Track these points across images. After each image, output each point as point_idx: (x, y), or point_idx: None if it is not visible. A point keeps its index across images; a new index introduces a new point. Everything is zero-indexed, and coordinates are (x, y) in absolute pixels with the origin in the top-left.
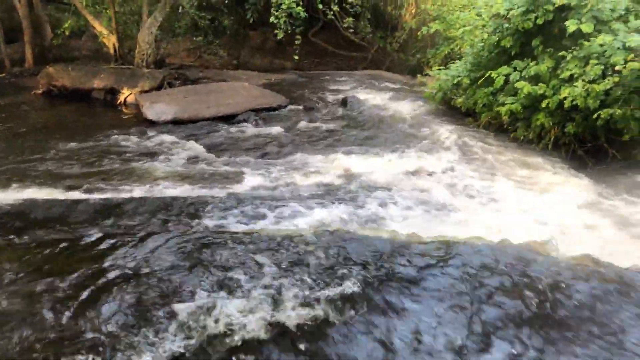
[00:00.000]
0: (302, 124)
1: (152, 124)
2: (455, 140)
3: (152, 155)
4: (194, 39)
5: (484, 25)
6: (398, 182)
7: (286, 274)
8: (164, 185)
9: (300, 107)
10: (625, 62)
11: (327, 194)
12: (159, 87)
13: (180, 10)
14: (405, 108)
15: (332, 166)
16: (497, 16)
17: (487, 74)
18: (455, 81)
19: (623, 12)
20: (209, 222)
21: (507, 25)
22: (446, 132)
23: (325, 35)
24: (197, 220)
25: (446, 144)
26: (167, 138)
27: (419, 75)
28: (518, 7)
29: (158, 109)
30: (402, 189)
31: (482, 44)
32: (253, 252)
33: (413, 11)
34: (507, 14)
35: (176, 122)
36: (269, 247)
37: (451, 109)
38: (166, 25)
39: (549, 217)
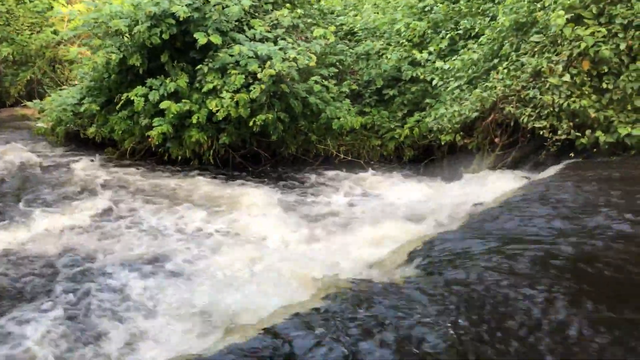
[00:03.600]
0: None
1: None
2: (109, 178)
3: None
4: None
5: (100, 45)
6: (72, 246)
7: None
8: None
9: None
10: (262, 69)
11: None
12: None
13: None
14: (22, 152)
15: None
16: (117, 34)
17: (123, 97)
18: (82, 109)
19: (236, 23)
20: None
21: (130, 42)
22: (93, 170)
23: None
24: None
25: (102, 185)
26: None
27: (17, 109)
28: (142, 23)
29: None
30: (82, 255)
31: (103, 66)
32: None
33: None
34: (131, 30)
35: None
36: None
37: (82, 142)
38: None
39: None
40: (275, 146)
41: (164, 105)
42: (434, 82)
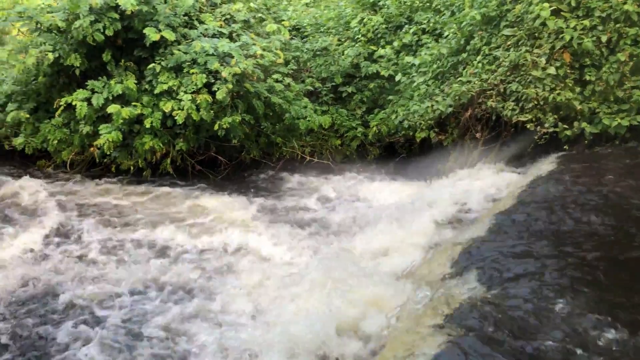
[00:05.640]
0: None
1: None
2: (51, 196)
3: None
4: None
5: (28, 44)
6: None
7: None
8: None
9: None
10: (224, 67)
11: None
12: None
13: None
14: None
15: None
16: (50, 30)
17: (62, 102)
18: (8, 118)
19: (185, 18)
20: None
21: (67, 39)
22: (30, 188)
23: None
24: None
25: (45, 205)
26: None
27: None
28: (84, 17)
29: None
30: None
31: (33, 67)
32: None
33: None
34: (69, 26)
35: None
36: None
37: (5, 155)
38: None
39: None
40: (233, 150)
41: (111, 109)
42: (397, 78)
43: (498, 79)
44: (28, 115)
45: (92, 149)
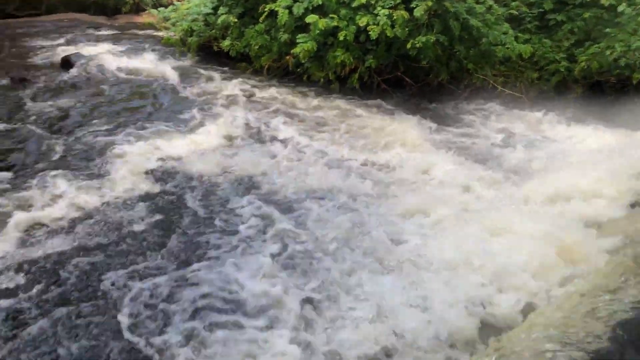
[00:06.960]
0: (26, 105)
1: None
2: (255, 96)
3: None
4: None
5: None
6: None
7: None
8: None
9: (5, 81)
10: None
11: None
12: None
13: None
14: (154, 62)
15: (120, 163)
16: None
17: (267, 8)
18: (218, 20)
19: None
20: None
21: None
22: (235, 87)
23: None
24: None
25: (248, 105)
26: None
27: (144, 14)
28: None
29: None
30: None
31: None
32: None
33: None
34: None
35: None
36: None
37: (213, 55)
38: None
39: None
40: (421, 72)
41: (309, 19)
42: (619, 9)
43: None
44: (236, 20)
45: (287, 57)
